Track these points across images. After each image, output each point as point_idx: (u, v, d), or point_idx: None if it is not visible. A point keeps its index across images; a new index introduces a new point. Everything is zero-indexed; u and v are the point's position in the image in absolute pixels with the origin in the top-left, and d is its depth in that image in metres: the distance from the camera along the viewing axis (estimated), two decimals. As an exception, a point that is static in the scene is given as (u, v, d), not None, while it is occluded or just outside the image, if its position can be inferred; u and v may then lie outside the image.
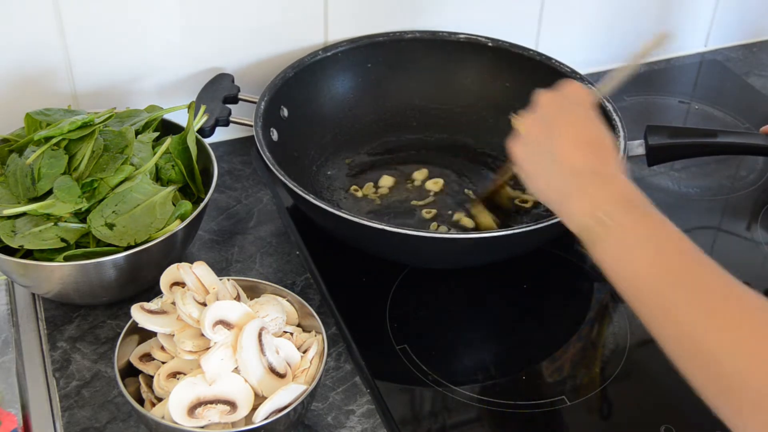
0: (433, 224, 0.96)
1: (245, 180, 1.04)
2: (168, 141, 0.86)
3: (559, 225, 0.84)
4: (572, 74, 1.01)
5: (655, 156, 0.93)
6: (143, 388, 0.72)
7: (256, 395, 0.69)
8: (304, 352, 0.73)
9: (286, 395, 0.68)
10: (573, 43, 1.21)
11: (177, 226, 0.81)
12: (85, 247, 0.80)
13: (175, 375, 0.70)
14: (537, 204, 0.99)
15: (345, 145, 1.07)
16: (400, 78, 1.09)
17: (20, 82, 0.95)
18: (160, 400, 0.70)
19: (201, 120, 0.91)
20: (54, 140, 0.83)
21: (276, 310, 0.75)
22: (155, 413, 0.68)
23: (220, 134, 1.08)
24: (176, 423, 0.66)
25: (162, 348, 0.72)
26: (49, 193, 0.80)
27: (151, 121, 0.90)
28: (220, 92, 0.99)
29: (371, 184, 1.02)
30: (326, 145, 1.06)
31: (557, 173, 0.69)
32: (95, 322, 0.85)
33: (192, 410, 0.67)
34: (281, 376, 0.70)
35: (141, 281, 0.84)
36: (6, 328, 0.85)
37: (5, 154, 0.87)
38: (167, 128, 0.92)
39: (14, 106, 0.93)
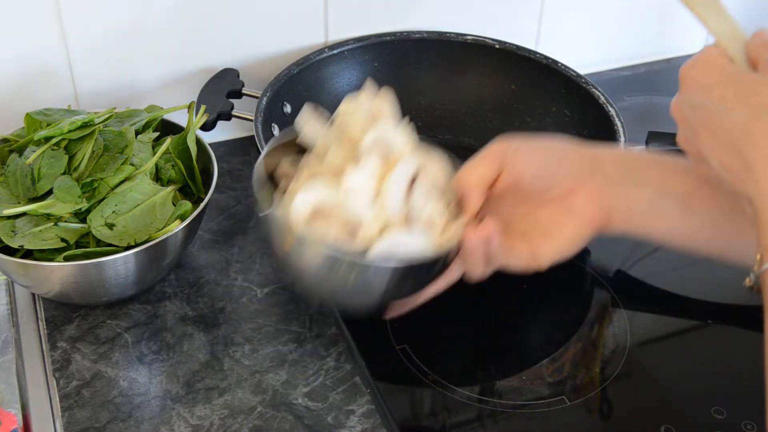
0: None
1: (245, 180, 1.04)
2: (168, 141, 0.86)
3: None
4: (578, 78, 1.01)
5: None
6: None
7: (381, 230, 0.63)
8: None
9: (410, 241, 0.62)
10: (572, 43, 1.21)
11: (177, 226, 0.81)
12: (85, 247, 0.80)
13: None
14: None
15: (347, 144, 1.07)
16: (406, 78, 1.09)
17: (20, 82, 0.95)
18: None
19: (201, 120, 0.91)
20: (54, 140, 0.83)
21: (440, 169, 0.68)
22: (279, 211, 0.62)
23: (221, 134, 1.08)
24: (293, 223, 0.61)
25: (307, 166, 0.66)
26: (49, 193, 0.80)
27: (151, 121, 0.90)
28: (224, 87, 0.99)
29: None
30: (328, 143, 1.06)
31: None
32: (95, 322, 0.85)
33: (314, 217, 0.61)
34: (416, 224, 0.64)
35: (141, 281, 0.84)
36: (6, 328, 0.85)
37: (5, 154, 0.87)
38: (167, 128, 0.92)
39: (14, 106, 0.93)
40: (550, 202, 0.67)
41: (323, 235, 0.62)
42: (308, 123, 0.67)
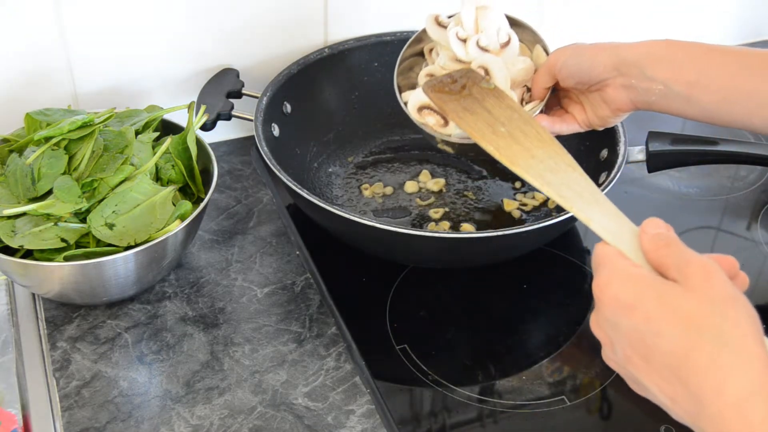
0: (431, 224, 0.96)
1: (245, 180, 1.04)
2: (168, 141, 0.86)
3: (559, 225, 0.84)
4: None
5: (655, 162, 0.93)
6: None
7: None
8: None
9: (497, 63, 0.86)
10: (572, 42, 1.20)
11: (177, 226, 0.81)
12: (85, 247, 0.80)
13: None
14: (538, 207, 0.99)
15: (348, 143, 1.07)
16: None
17: (20, 81, 0.95)
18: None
19: (201, 120, 0.91)
20: (54, 140, 0.83)
21: (524, 70, 0.88)
22: (403, 100, 0.89)
23: (221, 134, 1.08)
24: (408, 110, 0.87)
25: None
26: (49, 193, 0.80)
27: (151, 121, 0.90)
28: (224, 87, 0.99)
29: (381, 183, 1.02)
30: (328, 142, 1.06)
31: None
32: (95, 322, 0.85)
33: (422, 108, 0.86)
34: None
35: (141, 281, 0.84)
36: (6, 328, 0.85)
37: (5, 154, 0.87)
38: (167, 128, 0.92)
39: (14, 106, 0.93)
40: (593, 92, 0.85)
41: (426, 121, 0.86)
42: (431, 28, 0.91)
